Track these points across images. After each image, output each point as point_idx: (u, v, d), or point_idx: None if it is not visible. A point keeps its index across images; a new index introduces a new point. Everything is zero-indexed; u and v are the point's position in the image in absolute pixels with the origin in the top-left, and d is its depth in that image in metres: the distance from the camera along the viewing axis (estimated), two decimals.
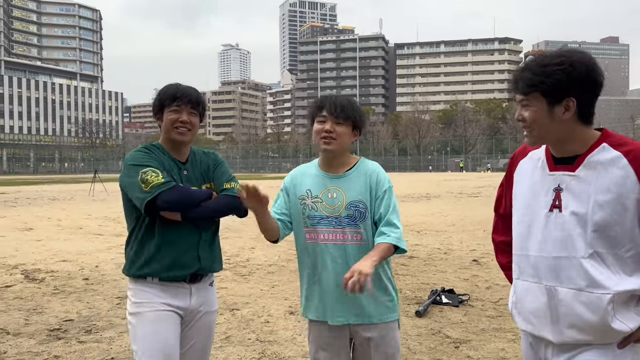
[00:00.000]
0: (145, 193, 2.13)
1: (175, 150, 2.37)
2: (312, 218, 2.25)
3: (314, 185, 2.29)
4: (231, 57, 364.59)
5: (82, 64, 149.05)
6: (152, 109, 2.42)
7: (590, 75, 1.63)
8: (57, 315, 5.08)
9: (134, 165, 2.22)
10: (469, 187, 28.58)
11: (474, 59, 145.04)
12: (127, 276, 2.33)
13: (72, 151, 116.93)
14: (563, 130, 1.68)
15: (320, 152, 2.32)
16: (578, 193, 1.65)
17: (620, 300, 1.62)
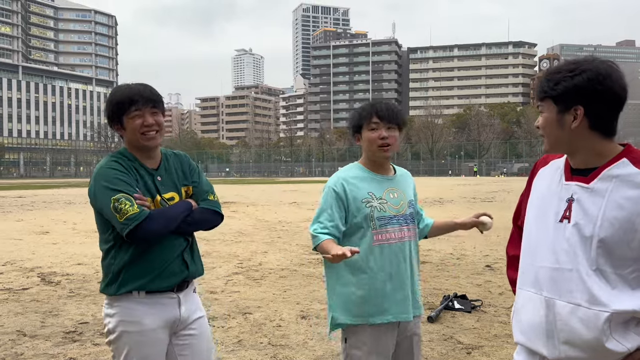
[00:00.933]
0: (122, 225, 2.00)
1: (145, 156, 2.20)
2: (380, 219, 2.28)
3: (375, 188, 2.33)
4: (244, 62, 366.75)
5: (97, 69, 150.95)
6: (108, 121, 2.22)
7: (602, 83, 1.56)
8: (72, 317, 5.16)
9: (105, 187, 2.05)
10: (483, 192, 28.40)
11: (488, 63, 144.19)
12: (106, 294, 2.16)
13: (87, 155, 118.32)
14: (573, 139, 1.64)
15: (371, 159, 2.37)
16: (588, 206, 1.60)
17: (618, 319, 1.55)
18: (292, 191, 30.66)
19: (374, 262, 2.26)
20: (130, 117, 2.12)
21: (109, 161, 2.14)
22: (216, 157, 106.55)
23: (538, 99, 1.70)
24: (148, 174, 2.19)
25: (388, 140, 2.29)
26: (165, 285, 2.15)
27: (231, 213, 16.74)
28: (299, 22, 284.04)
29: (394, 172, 2.45)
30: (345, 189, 2.30)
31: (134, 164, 2.16)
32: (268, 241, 10.45)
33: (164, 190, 2.21)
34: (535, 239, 1.73)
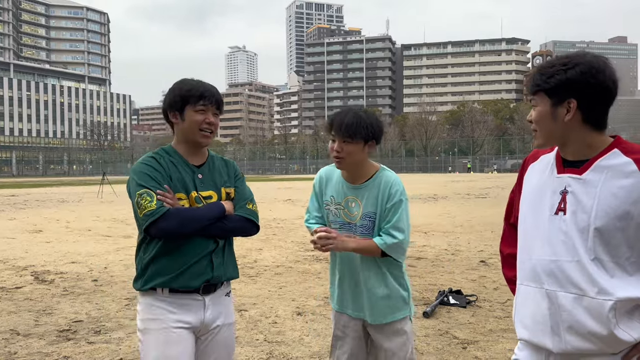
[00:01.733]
0: (141, 219, 2.01)
1: (192, 154, 2.19)
2: (334, 223, 2.44)
3: (337, 193, 2.44)
4: (238, 59, 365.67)
5: (90, 67, 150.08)
6: (167, 106, 2.16)
7: (595, 77, 1.58)
8: (66, 316, 5.13)
9: (134, 182, 2.07)
10: (477, 188, 28.49)
11: (482, 60, 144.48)
12: (135, 290, 2.17)
13: (80, 153, 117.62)
14: (566, 132, 1.65)
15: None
16: (582, 197, 1.62)
17: (623, 308, 1.56)
18: (286, 188, 30.62)
19: (333, 258, 2.51)
20: (195, 109, 2.10)
21: (146, 157, 2.15)
22: None
23: (531, 93, 1.71)
24: (189, 170, 2.16)
25: (341, 154, 2.29)
26: (188, 285, 2.08)
27: None
28: (293, 19, 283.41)
29: (368, 179, 2.36)
30: (320, 185, 2.49)
31: (173, 159, 2.15)
32: (263, 238, 10.42)
33: (202, 187, 2.17)
34: (531, 234, 1.73)
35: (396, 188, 2.33)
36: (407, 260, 7.73)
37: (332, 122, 2.31)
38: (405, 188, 2.41)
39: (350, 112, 2.31)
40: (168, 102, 2.16)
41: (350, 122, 2.26)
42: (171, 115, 2.16)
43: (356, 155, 2.29)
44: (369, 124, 2.29)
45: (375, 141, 2.33)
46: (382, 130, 2.37)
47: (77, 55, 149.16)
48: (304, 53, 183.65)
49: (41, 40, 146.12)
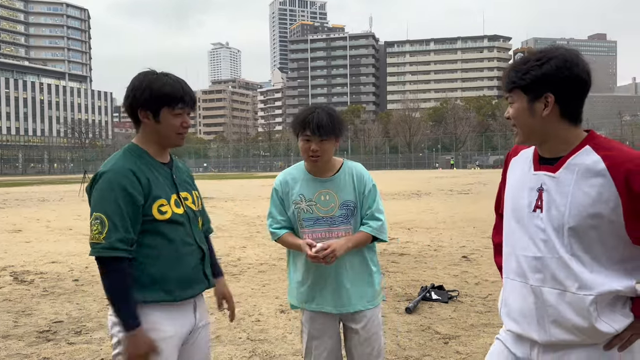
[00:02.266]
0: (90, 246, 1.91)
1: (158, 152, 2.09)
2: (308, 220, 2.44)
3: (307, 189, 2.48)
4: (221, 56, 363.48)
5: (70, 64, 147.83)
6: (138, 104, 2.00)
7: (570, 70, 1.61)
8: (46, 316, 5.06)
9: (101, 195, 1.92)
10: (460, 184, 28.71)
11: (464, 57, 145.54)
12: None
13: (61, 152, 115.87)
14: (545, 127, 1.67)
15: (307, 165, 2.52)
16: (556, 196, 1.65)
17: (603, 301, 1.61)
18: (271, 186, 30.33)
19: (302, 258, 2.47)
20: (173, 113, 2.00)
21: (122, 170, 1.94)
22: (194, 153, 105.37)
23: (507, 91, 1.73)
24: (164, 172, 2.07)
25: (318, 153, 2.39)
26: (190, 296, 2.06)
27: (210, 208, 16.56)
28: (276, 16, 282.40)
29: (336, 171, 2.49)
30: (282, 189, 2.53)
31: (146, 161, 2.03)
32: (247, 236, 10.40)
33: (180, 188, 2.11)
34: (514, 229, 1.78)
35: (366, 174, 2.52)
36: (391, 257, 7.81)
37: (305, 123, 2.38)
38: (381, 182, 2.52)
39: (322, 112, 2.40)
40: (141, 101, 1.99)
41: (326, 123, 2.36)
42: (142, 114, 2.01)
43: (331, 152, 2.44)
44: (339, 122, 2.44)
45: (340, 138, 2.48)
46: (345, 126, 2.55)
47: (57, 52, 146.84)
48: (287, 50, 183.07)
49: (20, 37, 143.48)
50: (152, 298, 1.95)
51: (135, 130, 2.10)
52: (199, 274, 2.10)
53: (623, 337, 1.63)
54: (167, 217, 2.00)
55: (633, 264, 1.64)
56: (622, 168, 1.56)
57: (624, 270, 1.63)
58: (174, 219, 2.01)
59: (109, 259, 1.87)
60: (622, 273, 1.63)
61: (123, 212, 1.89)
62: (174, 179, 2.10)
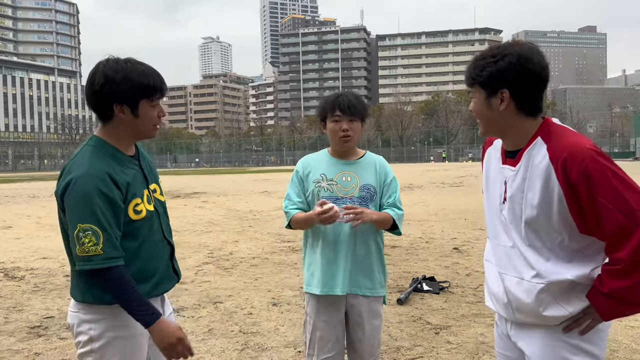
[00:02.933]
0: (79, 258, 1.78)
1: (126, 145, 1.96)
2: (327, 199, 2.45)
3: (328, 170, 2.53)
4: (212, 50, 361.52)
5: (59, 59, 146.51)
6: (115, 99, 1.83)
7: (524, 66, 1.66)
8: (37, 312, 5.04)
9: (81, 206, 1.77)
10: (451, 177, 28.82)
11: (455, 50, 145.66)
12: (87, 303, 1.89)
13: (51, 148, 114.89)
14: (502, 121, 1.75)
15: (335, 147, 2.56)
16: (514, 188, 1.74)
17: (557, 288, 1.69)
18: (263, 180, 30.49)
19: (317, 238, 2.50)
20: (151, 104, 1.89)
21: (99, 174, 1.81)
22: (185, 148, 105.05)
23: (468, 85, 1.81)
24: (134, 166, 1.96)
25: (349, 132, 2.47)
26: (161, 292, 2.02)
27: (202, 203, 16.58)
28: (267, 9, 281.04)
29: (360, 157, 2.57)
30: (305, 171, 2.57)
31: (117, 159, 1.90)
32: (239, 230, 10.39)
33: (149, 180, 2.03)
34: (490, 219, 1.90)
35: (388, 166, 2.62)
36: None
37: (335, 103, 2.47)
38: None
39: (350, 94, 2.54)
40: (117, 95, 1.82)
41: (355, 103, 2.48)
42: (118, 109, 1.84)
43: (359, 134, 2.52)
44: (365, 105, 2.57)
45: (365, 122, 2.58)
46: (368, 112, 2.65)
47: (45, 47, 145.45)
48: (278, 44, 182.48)
49: (8, 32, 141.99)
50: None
51: (100, 122, 1.93)
52: (169, 270, 2.06)
53: (580, 322, 1.70)
54: (142, 216, 1.92)
55: (591, 251, 1.70)
56: (560, 158, 1.61)
57: (583, 257, 1.70)
58: (147, 217, 1.95)
59: (108, 269, 1.79)
60: (580, 261, 1.69)
61: (110, 218, 1.81)
62: (143, 172, 2.00)
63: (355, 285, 2.47)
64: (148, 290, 1.94)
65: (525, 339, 1.80)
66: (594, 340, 1.72)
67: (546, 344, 1.75)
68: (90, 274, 1.80)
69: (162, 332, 1.85)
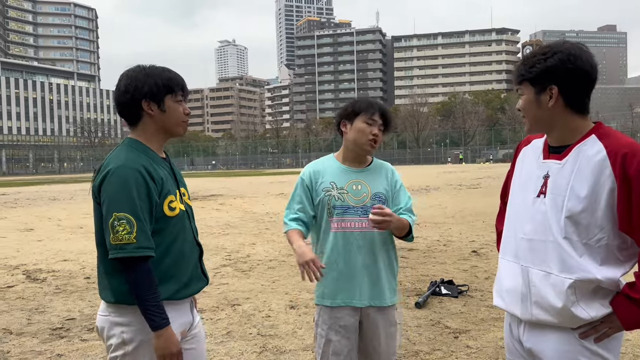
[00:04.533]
0: (112, 246, 1.82)
1: (158, 147, 2.03)
2: (339, 208, 2.41)
3: (338, 178, 2.46)
4: (228, 53, 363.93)
5: (79, 64, 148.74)
6: (143, 96, 1.94)
7: (573, 63, 1.69)
8: (59, 314, 5.12)
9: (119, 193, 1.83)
10: (469, 179, 28.59)
11: (472, 50, 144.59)
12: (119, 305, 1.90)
13: (71, 151, 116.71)
14: (551, 117, 1.76)
15: (348, 150, 2.49)
16: (559, 181, 1.74)
17: (583, 287, 1.68)
18: (279, 182, 30.58)
19: (329, 248, 2.41)
20: (176, 100, 1.98)
21: (136, 166, 1.87)
22: (202, 150, 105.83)
23: (516, 83, 1.83)
24: (167, 167, 2.03)
25: (377, 139, 2.44)
26: (193, 293, 2.04)
27: (219, 206, 16.68)
28: (282, 12, 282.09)
29: (369, 164, 2.52)
30: (312, 177, 2.49)
31: (152, 158, 1.97)
32: (256, 233, 10.44)
33: (180, 183, 2.07)
34: (517, 213, 1.88)
35: (397, 174, 2.57)
36: (399, 252, 7.77)
37: (373, 106, 2.45)
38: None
39: (382, 104, 2.52)
40: (144, 91, 1.93)
41: (390, 115, 2.49)
42: (146, 106, 1.95)
43: (380, 143, 2.49)
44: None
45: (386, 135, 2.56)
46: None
47: (65, 52, 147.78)
48: (294, 46, 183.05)
49: (29, 37, 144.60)
50: (161, 296, 1.90)
51: (130, 127, 2.02)
52: (198, 271, 2.07)
53: (598, 329, 1.69)
54: (175, 213, 1.97)
55: (625, 256, 1.70)
56: (620, 153, 1.63)
57: (615, 261, 1.69)
58: (180, 215, 1.99)
59: (139, 258, 1.82)
60: (612, 264, 1.69)
61: (145, 211, 1.86)
62: (174, 174, 2.06)
63: (371, 296, 2.40)
64: (178, 289, 1.95)
65: (540, 343, 1.78)
66: (610, 347, 1.71)
67: (563, 348, 1.73)
68: (121, 262, 1.83)
69: (168, 339, 1.86)
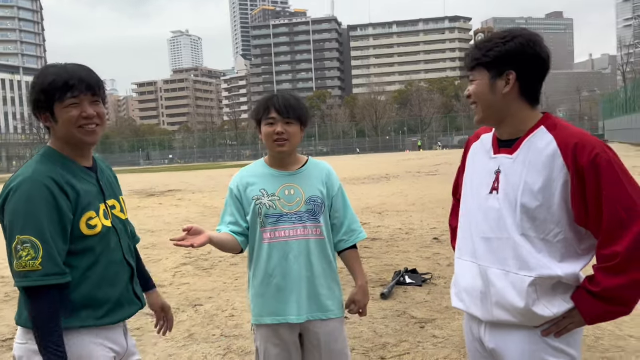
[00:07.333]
0: (16, 273, 1.64)
1: (78, 154, 1.82)
2: (270, 217, 2.22)
3: (268, 184, 2.27)
4: (181, 44, 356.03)
5: (24, 57, 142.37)
6: (33, 109, 1.77)
7: (532, 48, 1.65)
8: (9, 323, 4.85)
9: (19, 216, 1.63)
10: (427, 166, 29.01)
11: (426, 39, 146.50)
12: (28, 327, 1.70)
13: (19, 148, 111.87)
14: (504, 105, 1.71)
15: (271, 154, 2.31)
16: (512, 175, 1.70)
17: (544, 284, 1.64)
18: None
19: (263, 261, 2.23)
20: (64, 106, 1.71)
21: (42, 179, 1.67)
22: (158, 144, 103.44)
23: (469, 68, 1.76)
24: (88, 176, 1.82)
25: (284, 136, 2.20)
26: (122, 318, 1.85)
27: (177, 201, 16.31)
28: (236, 1, 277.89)
29: (302, 165, 2.32)
30: (240, 187, 2.29)
31: (67, 167, 1.76)
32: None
33: (107, 195, 1.87)
34: (470, 211, 1.84)
35: (334, 173, 2.36)
36: (363, 242, 7.78)
37: (269, 103, 2.22)
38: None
39: (286, 95, 2.27)
40: (32, 104, 1.74)
41: (292, 103, 2.22)
42: (42, 119, 1.75)
43: (297, 137, 2.25)
44: (304, 107, 2.28)
45: (304, 127, 2.31)
46: (310, 115, 2.37)
47: (8, 46, 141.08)
48: (249, 36, 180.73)
49: None
50: (80, 323, 1.73)
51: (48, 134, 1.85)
52: (129, 293, 1.89)
53: (560, 325, 1.67)
54: (96, 231, 1.76)
55: (583, 249, 1.68)
56: (570, 143, 1.61)
57: (574, 255, 1.67)
58: (102, 233, 1.78)
59: (45, 287, 1.62)
60: (571, 258, 1.66)
61: (54, 232, 1.65)
62: (100, 185, 1.85)
63: (310, 309, 2.21)
64: (102, 315, 1.76)
65: (502, 343, 1.74)
66: (571, 342, 1.70)
67: (527, 347, 1.69)
68: (25, 290, 1.63)
69: None
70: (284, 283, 2.21)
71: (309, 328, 2.24)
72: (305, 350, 2.29)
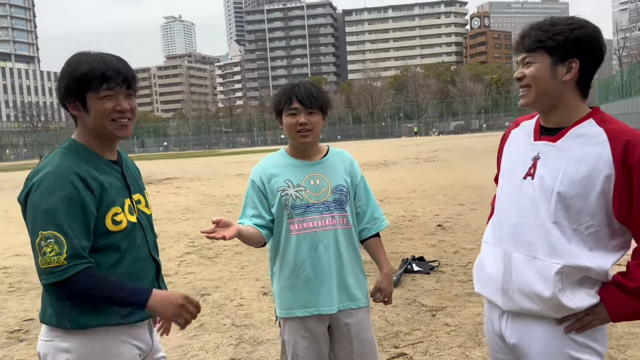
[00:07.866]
0: (41, 271, 1.59)
1: (105, 148, 1.78)
2: (297, 208, 2.18)
3: (293, 175, 2.22)
4: (175, 30, 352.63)
5: (15, 44, 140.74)
6: (63, 97, 1.70)
7: (597, 40, 1.64)
8: (15, 315, 4.81)
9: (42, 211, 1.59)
10: (425, 152, 28.99)
11: (422, 23, 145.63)
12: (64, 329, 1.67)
13: (12, 137, 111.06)
14: (560, 92, 1.67)
15: (293, 144, 2.27)
16: (551, 162, 1.67)
17: (570, 274, 1.61)
18: (236, 163, 30.07)
19: (291, 253, 2.19)
20: (99, 97, 1.66)
21: (66, 174, 1.62)
22: (152, 132, 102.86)
23: (527, 50, 1.68)
24: (113, 171, 1.77)
25: (307, 126, 2.17)
26: (143, 318, 1.78)
27: (175, 189, 16.25)
28: None
29: (324, 155, 2.29)
30: (263, 179, 2.24)
31: (92, 161, 1.71)
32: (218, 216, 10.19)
33: (132, 189, 1.82)
34: (503, 196, 1.81)
35: (356, 163, 2.35)
36: None
37: (291, 95, 2.17)
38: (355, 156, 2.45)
39: (308, 84, 2.23)
40: (64, 91, 1.68)
41: (314, 93, 2.18)
42: (71, 107, 1.70)
43: (319, 128, 2.22)
44: (326, 96, 2.26)
45: (326, 116, 2.27)
46: (330, 103, 2.33)
47: (0, 33, 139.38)
48: (243, 21, 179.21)
49: None
50: (106, 321, 1.69)
51: (75, 124, 1.78)
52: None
53: (583, 321, 1.63)
54: (121, 227, 1.71)
55: (615, 245, 1.65)
56: (622, 139, 1.58)
57: (605, 250, 1.63)
58: (128, 229, 1.74)
59: (71, 278, 1.58)
60: (602, 252, 1.63)
61: (79, 227, 1.61)
62: (125, 180, 1.81)
63: (340, 299, 2.19)
64: (128, 313, 1.71)
65: (525, 337, 1.70)
66: (597, 337, 1.66)
67: (550, 342, 1.65)
68: (56, 287, 1.60)
69: (162, 301, 1.67)
70: (314, 274, 2.17)
71: (339, 318, 2.21)
72: (334, 341, 2.26)
